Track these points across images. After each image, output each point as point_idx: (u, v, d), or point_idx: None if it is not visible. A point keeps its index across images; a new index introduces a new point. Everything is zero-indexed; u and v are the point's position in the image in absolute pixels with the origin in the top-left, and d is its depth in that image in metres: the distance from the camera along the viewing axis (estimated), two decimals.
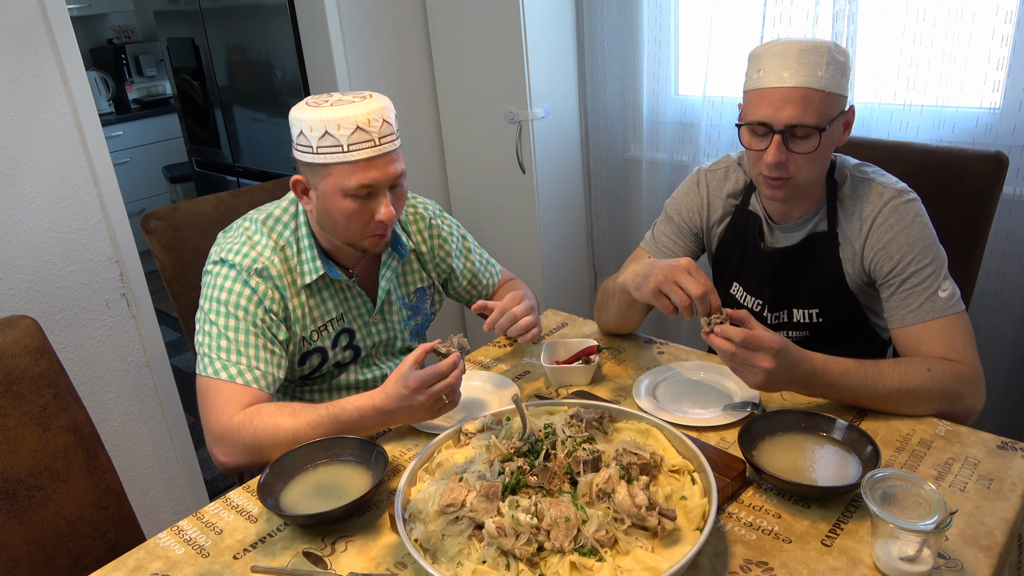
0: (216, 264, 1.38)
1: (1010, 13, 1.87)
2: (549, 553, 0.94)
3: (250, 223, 1.42)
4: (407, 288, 1.59)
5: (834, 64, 1.25)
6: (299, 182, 1.34)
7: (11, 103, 1.88)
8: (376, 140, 1.27)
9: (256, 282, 1.35)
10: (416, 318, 1.61)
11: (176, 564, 1.09)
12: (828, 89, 1.25)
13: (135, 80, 5.26)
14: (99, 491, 1.35)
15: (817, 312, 1.46)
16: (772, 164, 1.28)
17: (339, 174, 1.28)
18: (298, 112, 1.29)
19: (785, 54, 1.25)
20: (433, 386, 1.23)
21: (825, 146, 1.29)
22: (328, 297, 1.45)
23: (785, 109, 1.25)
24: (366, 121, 1.25)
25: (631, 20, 2.57)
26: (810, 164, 1.29)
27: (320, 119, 1.25)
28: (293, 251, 1.40)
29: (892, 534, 0.92)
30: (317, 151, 1.27)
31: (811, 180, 1.33)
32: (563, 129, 2.76)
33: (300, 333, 1.42)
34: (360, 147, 1.26)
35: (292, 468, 1.20)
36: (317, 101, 1.30)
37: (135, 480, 2.29)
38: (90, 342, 2.12)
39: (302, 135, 1.28)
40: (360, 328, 1.51)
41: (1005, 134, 1.95)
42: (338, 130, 1.24)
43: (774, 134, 1.27)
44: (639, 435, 1.16)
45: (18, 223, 1.94)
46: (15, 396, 1.26)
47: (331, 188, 1.29)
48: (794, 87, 1.25)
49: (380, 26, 2.67)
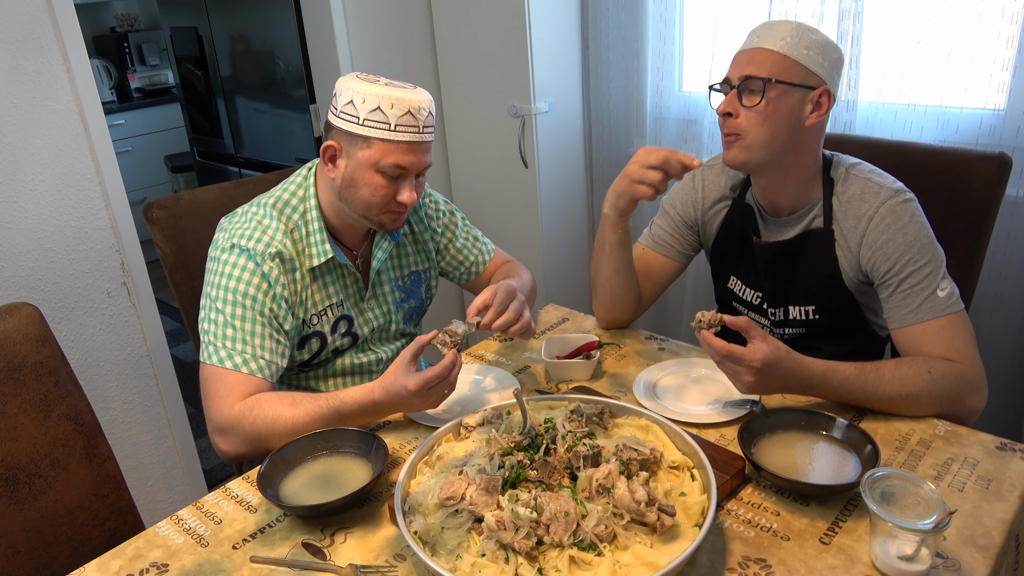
0: (226, 251, 1.37)
1: (1016, 15, 1.87)
2: (548, 547, 0.94)
3: (258, 207, 1.42)
4: (401, 270, 1.59)
5: (802, 37, 1.30)
6: (330, 147, 1.36)
7: (14, 90, 1.88)
8: (420, 128, 1.33)
9: (270, 267, 1.35)
10: (410, 301, 1.61)
11: (175, 553, 1.10)
12: (790, 55, 1.30)
13: (138, 69, 5.25)
14: (99, 479, 1.35)
15: (813, 309, 1.46)
16: (721, 113, 1.34)
17: (379, 149, 1.31)
18: (351, 82, 1.31)
19: (764, 26, 1.34)
20: (434, 387, 1.23)
21: (777, 107, 1.31)
22: (330, 282, 1.45)
23: (742, 66, 1.33)
24: (417, 108, 1.31)
25: (636, 16, 2.56)
26: (759, 123, 1.32)
27: (375, 93, 1.29)
28: (302, 234, 1.41)
29: (890, 533, 0.93)
30: (364, 122, 1.30)
31: (762, 141, 1.33)
32: (566, 124, 2.76)
33: (301, 316, 1.42)
34: (406, 130, 1.31)
35: (292, 459, 1.20)
36: (369, 78, 1.33)
37: (134, 469, 2.29)
38: (91, 331, 2.12)
39: (351, 104, 1.30)
40: (358, 315, 1.51)
41: (1009, 135, 1.95)
42: (391, 108, 1.29)
43: (732, 89, 1.33)
44: (639, 431, 1.16)
45: (20, 211, 1.94)
46: (16, 383, 1.26)
47: (366, 160, 1.32)
48: (757, 48, 1.32)
49: (384, 17, 2.66)
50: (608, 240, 1.49)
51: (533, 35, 2.49)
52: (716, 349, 1.19)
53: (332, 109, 1.35)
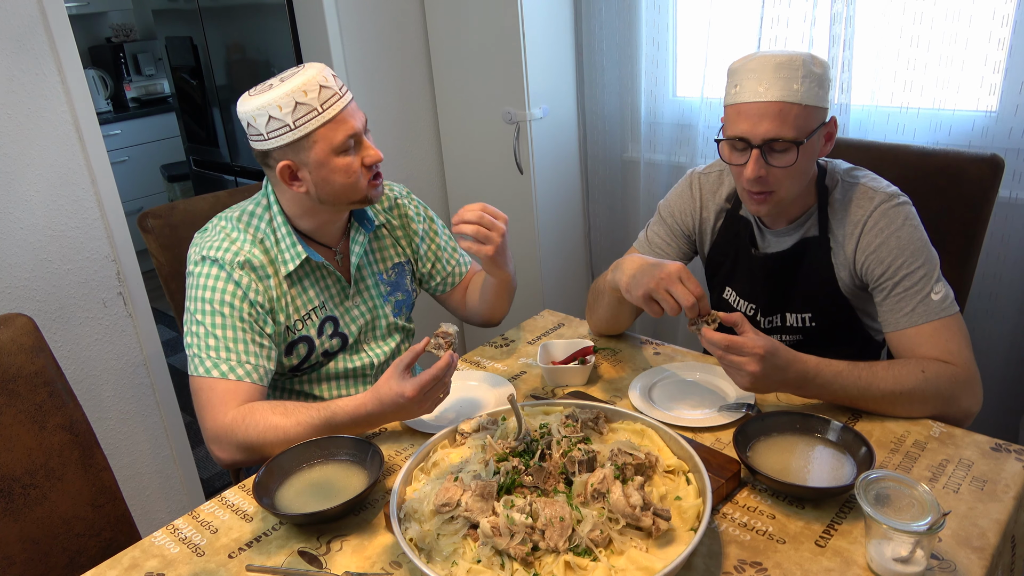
0: (198, 264, 1.38)
1: (1007, 17, 1.88)
2: (544, 553, 0.94)
3: (226, 222, 1.42)
4: (384, 264, 1.59)
5: (810, 77, 1.24)
6: (285, 167, 1.33)
7: (9, 101, 1.88)
8: (340, 93, 1.32)
9: (239, 275, 1.35)
10: (397, 294, 1.61)
11: (171, 563, 1.09)
12: (805, 102, 1.25)
13: (133, 79, 5.26)
14: (94, 489, 1.34)
15: (810, 316, 1.46)
16: (752, 179, 1.29)
17: (324, 137, 1.30)
18: (254, 102, 1.29)
19: (761, 69, 1.26)
20: (431, 390, 1.23)
21: (805, 159, 1.29)
22: (309, 285, 1.45)
23: (762, 124, 1.25)
24: (323, 79, 1.30)
25: (629, 21, 2.57)
26: (791, 178, 1.30)
27: (285, 94, 1.27)
28: (272, 242, 1.41)
29: (886, 535, 0.93)
30: (295, 125, 1.28)
31: (793, 193, 1.34)
32: (561, 130, 2.76)
33: (284, 323, 1.42)
34: (331, 102, 1.30)
35: (288, 467, 1.20)
36: (265, 86, 1.31)
37: (131, 479, 2.29)
38: (87, 341, 2.12)
39: (272, 119, 1.28)
40: (342, 315, 1.51)
41: (1001, 137, 1.96)
42: (306, 96, 1.27)
43: (752, 148, 1.27)
44: (634, 435, 1.16)
45: (15, 221, 1.94)
46: (10, 394, 1.26)
47: (322, 154, 1.31)
48: (770, 101, 1.25)
49: (378, 25, 2.67)
50: (610, 295, 1.47)
51: (527, 41, 2.50)
52: (716, 342, 1.19)
53: (257, 138, 1.32)
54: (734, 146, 1.31)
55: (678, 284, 1.21)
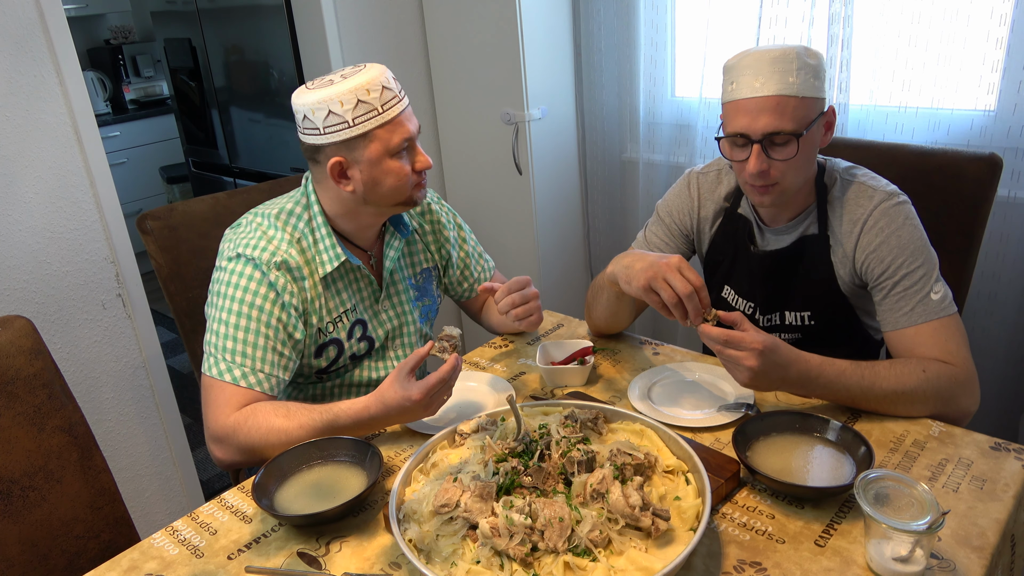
0: (232, 260, 1.35)
1: (1004, 16, 1.88)
2: (543, 553, 0.94)
3: (262, 218, 1.40)
4: (413, 268, 1.58)
5: (805, 68, 1.26)
6: (336, 164, 1.32)
7: (7, 103, 1.88)
8: (400, 95, 1.32)
9: (276, 276, 1.33)
10: (424, 299, 1.61)
11: (170, 564, 1.09)
12: (802, 94, 1.26)
13: (132, 80, 5.26)
14: (93, 491, 1.34)
15: (809, 315, 1.46)
16: (755, 173, 1.30)
17: (381, 137, 1.30)
18: (316, 93, 1.27)
19: (756, 64, 1.27)
20: (436, 392, 1.23)
21: (806, 150, 1.30)
22: (343, 288, 1.45)
23: (761, 118, 1.27)
24: (386, 80, 1.30)
25: (628, 22, 2.57)
26: (793, 169, 1.31)
27: (349, 90, 1.26)
28: (309, 242, 1.39)
29: (885, 534, 0.93)
30: (354, 123, 1.28)
31: (798, 183, 1.34)
32: (560, 130, 2.76)
33: (316, 324, 1.41)
34: (391, 104, 1.30)
35: (287, 468, 1.20)
36: (324, 81, 1.30)
37: (131, 480, 2.28)
38: (86, 343, 2.12)
39: (332, 114, 1.27)
40: (371, 318, 1.50)
41: (999, 136, 1.96)
42: (369, 95, 1.27)
43: (753, 143, 1.28)
44: (633, 436, 1.16)
45: (14, 223, 1.94)
46: (9, 396, 1.26)
47: (376, 154, 1.31)
48: (767, 95, 1.26)
49: (377, 26, 2.67)
50: (609, 290, 1.47)
51: (525, 42, 2.50)
52: (715, 337, 1.19)
53: (311, 132, 1.31)
54: (735, 142, 1.32)
55: (676, 274, 1.21)
